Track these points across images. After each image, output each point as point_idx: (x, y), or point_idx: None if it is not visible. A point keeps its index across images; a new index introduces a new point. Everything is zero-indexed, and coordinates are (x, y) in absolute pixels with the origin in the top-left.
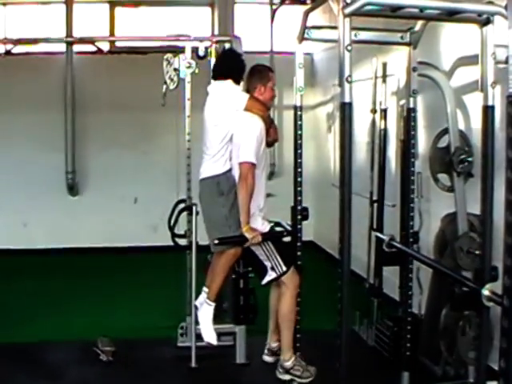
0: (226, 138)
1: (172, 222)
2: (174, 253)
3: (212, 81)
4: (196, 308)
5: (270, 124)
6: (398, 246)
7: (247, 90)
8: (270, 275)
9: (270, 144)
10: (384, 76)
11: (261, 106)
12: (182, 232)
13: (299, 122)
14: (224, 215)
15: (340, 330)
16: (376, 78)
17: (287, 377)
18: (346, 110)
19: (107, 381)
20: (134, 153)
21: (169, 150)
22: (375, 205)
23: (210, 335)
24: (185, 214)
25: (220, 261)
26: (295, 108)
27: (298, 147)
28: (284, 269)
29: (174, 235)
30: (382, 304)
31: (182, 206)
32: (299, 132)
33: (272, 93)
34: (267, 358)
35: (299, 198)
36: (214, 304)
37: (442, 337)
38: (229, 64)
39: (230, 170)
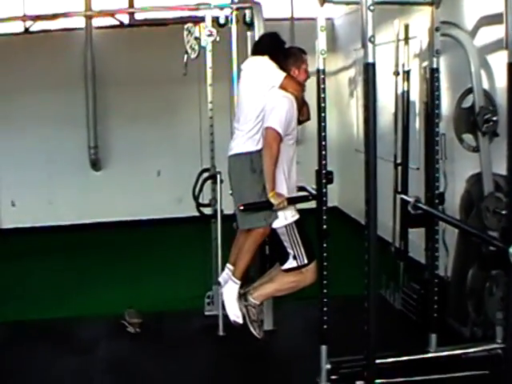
0: (262, 114)
1: (196, 191)
2: (199, 223)
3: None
4: (219, 284)
5: (303, 103)
6: (424, 207)
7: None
8: (291, 263)
9: (301, 122)
10: (406, 38)
11: (296, 85)
12: (207, 201)
13: (322, 86)
14: (257, 192)
15: (367, 291)
16: (398, 40)
17: (242, 303)
18: (369, 70)
19: (135, 352)
20: (157, 125)
21: (191, 121)
22: (399, 168)
23: (235, 313)
24: (209, 183)
25: (248, 240)
26: (318, 71)
27: (321, 110)
28: (305, 261)
29: (198, 205)
30: (408, 267)
31: (206, 175)
32: (322, 95)
33: (306, 74)
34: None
35: (324, 162)
36: (239, 282)
37: (469, 298)
38: (267, 42)
39: (261, 150)
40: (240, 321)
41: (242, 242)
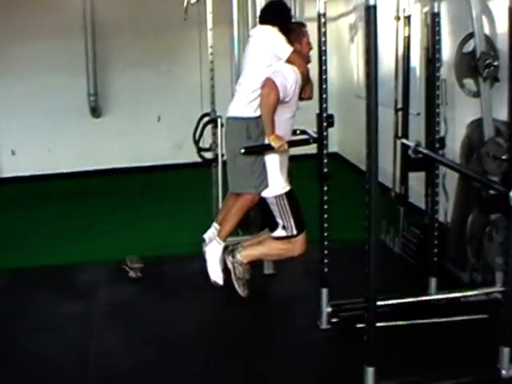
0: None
1: (197, 136)
2: (200, 169)
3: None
4: (203, 241)
5: (307, 81)
6: (424, 151)
7: None
8: (280, 233)
9: (303, 99)
10: None
11: (302, 61)
12: (208, 146)
13: (323, 29)
14: (249, 161)
15: (368, 234)
16: None
17: (229, 259)
18: (370, 13)
19: (137, 297)
20: (157, 71)
21: (192, 66)
22: (400, 113)
23: (216, 275)
24: (210, 127)
25: (236, 204)
26: (319, 15)
27: (322, 54)
28: (294, 232)
29: (199, 149)
30: (408, 213)
31: (206, 119)
32: (323, 39)
33: (308, 46)
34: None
35: (324, 105)
36: (223, 244)
37: (468, 243)
38: (278, 12)
39: (260, 117)
40: (220, 282)
41: (230, 205)
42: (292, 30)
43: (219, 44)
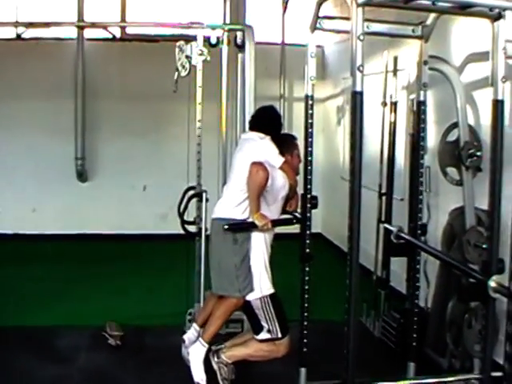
0: None
1: (181, 208)
2: (183, 241)
3: (249, 131)
4: (183, 342)
5: (293, 193)
6: (406, 237)
7: None
8: (265, 335)
9: (286, 212)
10: (395, 70)
11: (292, 174)
12: (192, 219)
13: (310, 111)
14: (234, 264)
15: (348, 316)
16: (387, 71)
17: (214, 360)
18: (357, 99)
19: (115, 365)
20: (144, 140)
21: (179, 138)
22: (384, 198)
23: (200, 376)
24: (194, 200)
25: (220, 307)
26: (306, 97)
27: (308, 136)
28: (279, 335)
29: (183, 222)
30: (388, 296)
31: (191, 192)
32: (310, 121)
33: (298, 158)
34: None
35: (309, 187)
36: (207, 346)
37: (448, 329)
38: (270, 121)
39: (247, 219)
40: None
41: (213, 307)
42: (284, 141)
43: (207, 118)
